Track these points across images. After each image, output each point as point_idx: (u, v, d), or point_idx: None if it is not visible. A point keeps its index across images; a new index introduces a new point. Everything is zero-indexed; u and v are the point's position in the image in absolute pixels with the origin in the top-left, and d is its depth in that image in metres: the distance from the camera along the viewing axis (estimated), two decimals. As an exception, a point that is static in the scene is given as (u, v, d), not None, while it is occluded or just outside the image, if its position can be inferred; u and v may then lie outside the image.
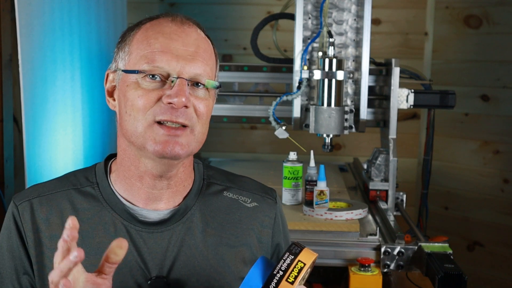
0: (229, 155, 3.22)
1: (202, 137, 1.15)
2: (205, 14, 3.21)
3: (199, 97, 1.12)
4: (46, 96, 1.92)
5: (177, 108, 1.07)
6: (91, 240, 1.13)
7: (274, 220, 1.27)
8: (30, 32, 1.80)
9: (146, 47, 1.11)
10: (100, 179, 1.19)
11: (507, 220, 2.90)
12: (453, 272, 1.58)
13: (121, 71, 1.15)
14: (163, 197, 1.17)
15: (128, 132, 1.11)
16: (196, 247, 1.16)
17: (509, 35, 2.88)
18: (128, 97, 1.11)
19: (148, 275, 1.13)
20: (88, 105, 2.27)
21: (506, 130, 2.90)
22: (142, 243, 1.14)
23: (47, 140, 1.93)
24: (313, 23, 2.21)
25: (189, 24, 1.15)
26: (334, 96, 2.11)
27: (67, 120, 2.09)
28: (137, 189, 1.16)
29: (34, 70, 1.83)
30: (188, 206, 1.19)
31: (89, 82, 2.28)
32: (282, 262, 0.98)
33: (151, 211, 1.16)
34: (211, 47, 1.18)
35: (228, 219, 1.21)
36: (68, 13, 2.07)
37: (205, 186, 1.23)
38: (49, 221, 1.14)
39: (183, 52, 1.10)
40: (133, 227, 1.14)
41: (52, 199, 1.16)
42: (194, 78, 1.11)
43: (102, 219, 1.15)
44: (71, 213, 1.14)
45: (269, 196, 1.29)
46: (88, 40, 2.27)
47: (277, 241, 1.28)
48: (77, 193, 1.17)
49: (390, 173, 2.16)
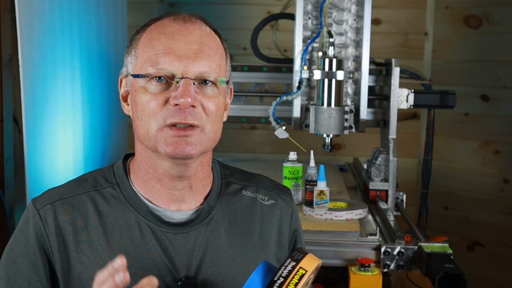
0: (229, 155, 3.22)
1: (214, 135, 1.13)
2: (205, 14, 3.16)
3: (207, 95, 1.11)
4: (46, 96, 1.92)
5: (184, 108, 1.07)
6: (117, 242, 1.12)
7: (291, 216, 1.29)
8: (30, 32, 1.80)
9: (150, 50, 1.10)
10: (120, 179, 1.18)
11: (507, 220, 2.90)
12: (453, 272, 1.58)
13: (130, 76, 1.14)
14: (185, 197, 1.16)
15: (141, 136, 1.12)
16: (221, 247, 1.17)
17: (509, 35, 2.88)
18: (138, 102, 1.11)
19: (176, 276, 1.12)
20: (88, 105, 2.27)
21: (506, 130, 2.90)
22: (168, 244, 1.13)
23: (47, 140, 1.93)
24: (313, 23, 2.21)
25: (192, 21, 1.14)
26: (334, 96, 2.11)
27: (67, 120, 2.09)
28: (158, 190, 1.15)
29: (34, 70, 1.83)
30: (211, 206, 1.19)
31: (89, 82, 2.28)
32: (283, 268, 0.97)
33: (175, 212, 1.16)
34: (217, 42, 1.16)
35: (248, 218, 1.22)
36: (68, 13, 2.07)
37: (224, 186, 1.24)
38: (74, 225, 1.12)
39: (186, 51, 1.09)
40: (158, 228, 1.14)
41: (75, 202, 1.14)
42: (199, 76, 1.10)
43: (126, 221, 1.14)
44: (95, 215, 1.13)
45: (285, 194, 1.30)
46: (88, 40, 2.27)
47: (294, 227, 1.29)
48: (98, 195, 1.16)
49: (390, 173, 2.16)
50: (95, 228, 1.13)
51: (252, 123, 3.00)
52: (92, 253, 1.11)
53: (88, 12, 2.27)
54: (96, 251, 1.11)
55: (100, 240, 1.12)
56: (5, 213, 2.06)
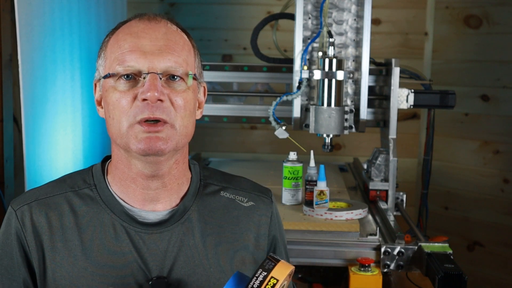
0: (229, 155, 3.22)
1: (186, 131, 1.14)
2: (205, 14, 3.21)
3: (175, 90, 1.12)
4: (46, 96, 1.92)
5: (152, 103, 1.08)
6: (91, 242, 1.14)
7: (271, 218, 1.28)
8: (30, 32, 1.80)
9: (117, 50, 1.13)
10: (97, 180, 1.19)
11: (507, 220, 2.89)
12: (453, 272, 1.58)
13: (102, 78, 1.16)
14: (159, 197, 1.17)
15: (114, 135, 1.13)
16: (195, 247, 1.17)
17: (509, 35, 2.87)
18: (109, 102, 1.12)
19: (149, 275, 1.14)
20: (88, 105, 2.27)
21: (506, 130, 2.90)
22: (141, 244, 1.15)
23: (47, 140, 1.93)
24: (313, 23, 2.21)
25: (157, 20, 1.15)
26: (334, 96, 2.11)
27: (67, 120, 2.09)
28: (133, 190, 1.17)
29: (34, 70, 1.83)
30: (186, 207, 1.19)
31: (89, 82, 2.28)
32: (255, 279, 0.97)
33: (149, 212, 1.17)
34: (184, 39, 1.17)
35: (225, 218, 1.22)
36: (68, 13, 2.07)
37: (202, 187, 1.24)
38: (49, 225, 1.15)
39: (151, 48, 1.11)
40: (132, 228, 1.15)
41: (51, 203, 1.17)
42: (166, 71, 1.11)
43: (101, 221, 1.15)
44: (70, 215, 1.15)
45: (265, 196, 1.29)
46: (88, 40, 2.27)
47: (273, 234, 1.29)
48: (75, 196, 1.18)
49: (390, 173, 2.16)
50: (70, 228, 1.15)
51: (252, 123, 3.00)
52: (66, 252, 1.13)
53: (88, 12, 2.27)
54: (70, 250, 1.14)
55: (74, 239, 1.14)
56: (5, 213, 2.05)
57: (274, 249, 1.29)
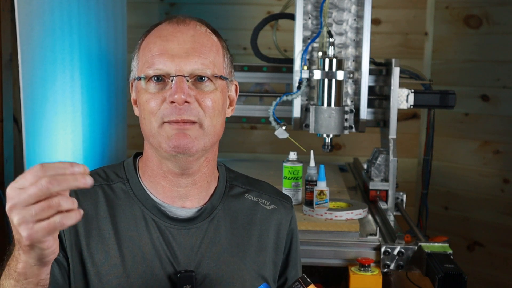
0: (229, 155, 3.22)
1: (214, 130, 1.18)
2: (205, 14, 3.20)
3: (203, 91, 1.16)
4: (46, 96, 1.92)
5: (179, 105, 1.12)
6: (124, 233, 1.18)
7: (290, 222, 1.33)
8: (30, 32, 1.80)
9: (147, 53, 1.18)
10: (130, 175, 1.24)
11: (507, 220, 2.89)
12: (453, 272, 1.58)
13: (136, 79, 1.21)
14: (189, 194, 1.22)
15: (146, 134, 1.19)
16: (221, 245, 1.22)
17: (509, 35, 2.87)
18: (141, 102, 1.18)
19: (177, 268, 1.18)
20: (88, 105, 2.27)
21: (506, 130, 2.90)
22: (171, 238, 1.19)
23: (47, 140, 1.93)
24: (313, 23, 2.21)
25: (185, 22, 1.19)
26: (334, 96, 2.11)
27: (67, 120, 2.09)
28: (162, 187, 1.21)
29: (34, 70, 1.83)
30: (214, 206, 1.24)
31: (89, 82, 2.28)
32: None
33: (179, 209, 1.21)
34: (212, 40, 1.20)
35: (249, 220, 1.27)
36: (68, 13, 2.07)
37: (228, 188, 1.29)
38: (85, 212, 1.16)
39: (178, 51, 1.15)
40: (162, 223, 1.20)
41: (88, 192, 1.19)
42: (193, 73, 1.15)
43: (133, 214, 1.20)
44: (105, 206, 1.19)
45: (286, 201, 1.35)
46: (88, 40, 2.27)
47: (290, 237, 1.33)
48: (109, 188, 1.22)
49: (390, 173, 2.16)
50: (105, 218, 1.19)
51: (252, 123, 3.00)
52: (100, 241, 1.17)
53: (88, 12, 2.26)
54: (104, 239, 1.17)
55: (108, 229, 1.18)
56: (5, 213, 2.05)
57: (289, 251, 1.33)
